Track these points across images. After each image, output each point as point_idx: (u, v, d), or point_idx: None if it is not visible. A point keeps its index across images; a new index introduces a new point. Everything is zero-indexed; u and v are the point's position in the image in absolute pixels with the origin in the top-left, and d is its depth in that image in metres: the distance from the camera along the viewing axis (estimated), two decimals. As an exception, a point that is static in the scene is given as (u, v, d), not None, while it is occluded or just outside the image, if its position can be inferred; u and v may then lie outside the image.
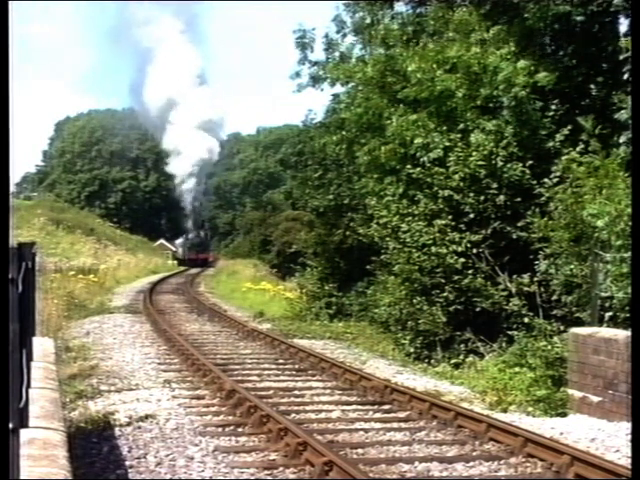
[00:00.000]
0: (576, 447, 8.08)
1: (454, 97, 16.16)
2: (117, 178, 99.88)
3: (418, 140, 16.13)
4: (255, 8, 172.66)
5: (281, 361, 14.99)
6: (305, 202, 27.12)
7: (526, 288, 14.68)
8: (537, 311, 14.37)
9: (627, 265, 11.06)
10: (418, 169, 16.27)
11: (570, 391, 10.61)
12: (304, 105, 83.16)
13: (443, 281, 15.80)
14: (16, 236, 26.98)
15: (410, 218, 16.38)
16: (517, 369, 12.37)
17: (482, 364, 14.14)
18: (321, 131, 23.48)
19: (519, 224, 15.28)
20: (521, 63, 15.46)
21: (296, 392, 11.68)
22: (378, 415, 10.25)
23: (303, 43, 21.37)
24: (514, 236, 15.39)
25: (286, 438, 8.37)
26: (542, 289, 14.37)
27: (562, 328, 13.15)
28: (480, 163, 15.60)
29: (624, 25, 15.88)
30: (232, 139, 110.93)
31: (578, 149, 13.92)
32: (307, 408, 10.57)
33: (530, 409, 10.91)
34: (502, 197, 15.64)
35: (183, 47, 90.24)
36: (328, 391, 11.83)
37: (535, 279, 14.46)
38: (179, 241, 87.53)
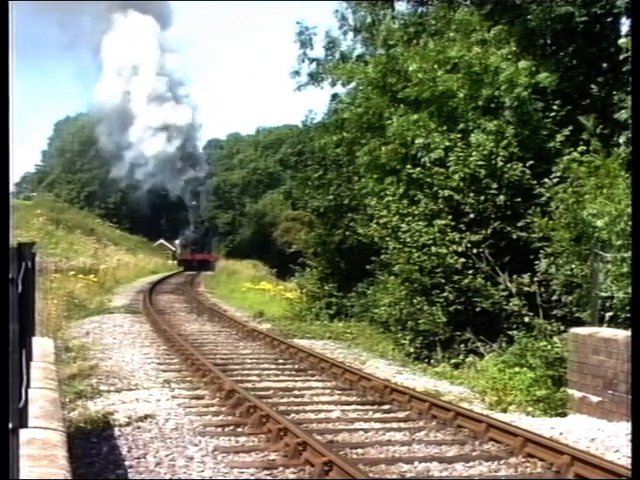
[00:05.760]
0: (576, 447, 8.08)
1: (455, 97, 16.13)
2: (117, 178, 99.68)
3: (419, 140, 16.11)
4: (256, 7, 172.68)
5: (281, 361, 14.98)
6: (305, 202, 27.11)
7: (526, 288, 14.67)
8: (537, 311, 14.36)
9: (627, 265, 11.06)
10: (418, 169, 16.25)
11: (570, 391, 10.60)
12: (304, 105, 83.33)
13: (443, 281, 15.79)
14: (16, 236, 26.97)
15: (410, 218, 16.37)
16: (517, 369, 12.35)
17: (482, 364, 14.13)
18: (321, 131, 23.48)
19: (519, 224, 15.28)
20: (522, 63, 15.44)
21: (296, 392, 11.67)
22: (378, 415, 10.24)
23: (303, 41, 21.39)
24: (514, 236, 15.37)
25: (286, 438, 8.37)
26: (542, 289, 14.36)
27: (562, 328, 13.15)
28: (480, 163, 15.58)
29: (625, 25, 15.89)
30: (232, 139, 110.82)
31: (579, 149, 13.92)
32: (307, 408, 10.56)
33: (530, 409, 10.90)
34: (502, 197, 15.61)
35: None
36: (328, 391, 11.82)
37: (535, 279, 14.45)
38: (179, 241, 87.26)
